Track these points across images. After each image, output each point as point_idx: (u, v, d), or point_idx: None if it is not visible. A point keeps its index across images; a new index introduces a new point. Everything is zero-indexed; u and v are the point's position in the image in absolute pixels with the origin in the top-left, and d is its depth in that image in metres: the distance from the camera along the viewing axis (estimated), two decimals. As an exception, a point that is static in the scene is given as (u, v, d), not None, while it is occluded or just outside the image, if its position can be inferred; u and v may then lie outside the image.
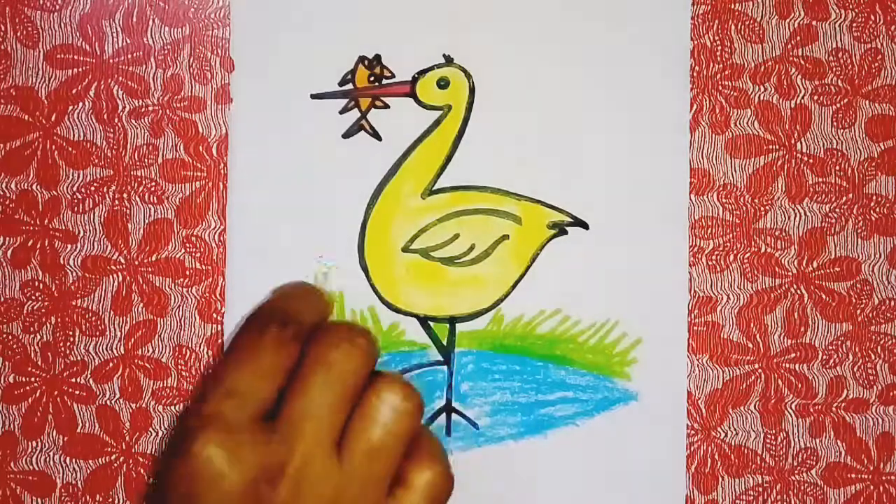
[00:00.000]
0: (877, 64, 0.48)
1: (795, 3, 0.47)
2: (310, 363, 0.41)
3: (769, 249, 0.47)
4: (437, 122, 0.47)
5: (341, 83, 0.47)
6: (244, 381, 0.40)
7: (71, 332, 0.47)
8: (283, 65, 0.47)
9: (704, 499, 0.47)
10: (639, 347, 0.47)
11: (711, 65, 0.47)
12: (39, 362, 0.47)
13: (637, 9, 0.47)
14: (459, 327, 0.47)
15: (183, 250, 0.47)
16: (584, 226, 0.47)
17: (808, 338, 0.48)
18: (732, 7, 0.47)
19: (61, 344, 0.47)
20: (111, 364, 0.47)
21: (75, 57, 0.47)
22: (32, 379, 0.47)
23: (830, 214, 0.48)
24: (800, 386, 0.48)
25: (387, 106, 0.47)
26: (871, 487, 0.48)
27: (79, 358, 0.47)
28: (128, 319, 0.47)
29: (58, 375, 0.47)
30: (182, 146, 0.47)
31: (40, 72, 0.47)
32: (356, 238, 0.47)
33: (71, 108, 0.47)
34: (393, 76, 0.47)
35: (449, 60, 0.47)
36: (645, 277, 0.47)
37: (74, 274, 0.47)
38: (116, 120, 0.47)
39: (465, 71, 0.47)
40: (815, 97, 0.47)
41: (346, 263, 0.47)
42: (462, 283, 0.47)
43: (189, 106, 0.47)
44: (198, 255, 0.47)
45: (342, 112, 0.47)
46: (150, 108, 0.47)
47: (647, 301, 0.47)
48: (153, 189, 0.47)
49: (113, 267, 0.47)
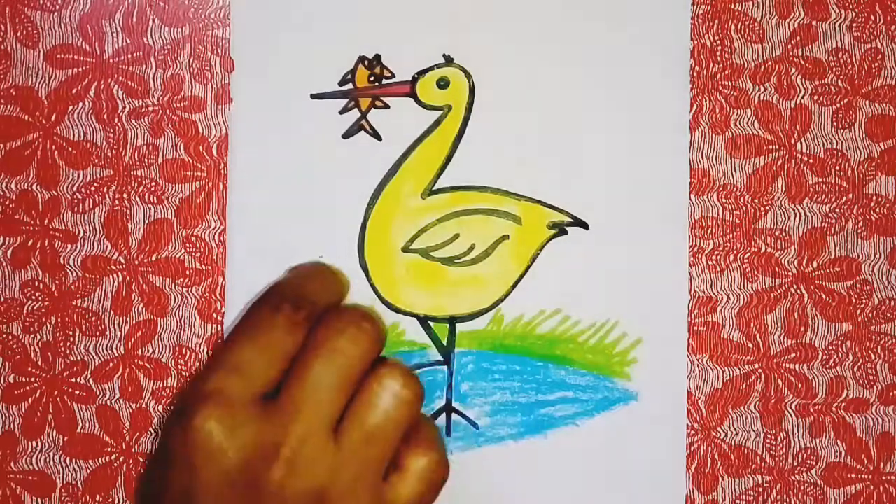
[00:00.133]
0: (877, 64, 0.48)
1: (795, 3, 0.47)
2: (315, 346, 0.41)
3: (769, 249, 0.47)
4: (437, 122, 0.47)
5: (341, 83, 0.47)
6: (251, 359, 0.41)
7: (71, 332, 0.47)
8: (283, 65, 0.47)
9: (704, 499, 0.47)
10: (639, 347, 0.47)
11: (711, 65, 0.47)
12: (39, 362, 0.47)
13: (637, 9, 0.47)
14: (459, 327, 0.47)
15: (183, 250, 0.47)
16: (584, 226, 0.47)
17: (808, 338, 0.48)
18: (732, 7, 0.47)
19: (61, 344, 0.47)
20: (111, 364, 0.47)
21: (75, 57, 0.47)
22: (32, 379, 0.47)
23: (830, 214, 0.48)
24: (800, 386, 0.48)
25: (387, 106, 0.47)
26: (871, 487, 0.48)
27: (79, 358, 0.47)
28: (128, 319, 0.47)
29: (58, 375, 0.47)
30: (182, 146, 0.47)
31: (40, 72, 0.47)
32: (356, 238, 0.47)
33: (71, 108, 0.47)
34: (393, 76, 0.47)
35: (449, 60, 0.47)
36: (645, 277, 0.47)
37: (74, 274, 0.47)
38: (116, 120, 0.47)
39: (465, 71, 0.47)
40: (815, 97, 0.47)
41: (346, 263, 0.47)
42: (462, 283, 0.47)
43: (189, 106, 0.47)
44: (198, 255, 0.47)
45: (342, 112, 0.47)
46: (150, 108, 0.47)
47: (647, 301, 0.47)
48: (153, 189, 0.47)
49: (113, 267, 0.47)
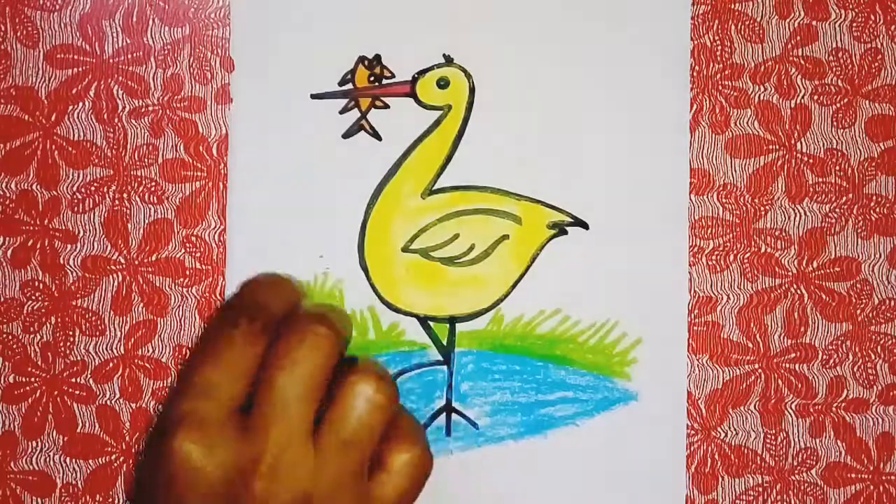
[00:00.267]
0: (877, 64, 0.48)
1: (795, 3, 0.47)
2: (277, 359, 0.41)
3: (769, 249, 0.47)
4: (437, 122, 0.47)
5: (341, 83, 0.47)
6: (217, 377, 0.41)
7: (71, 332, 0.47)
8: (283, 65, 0.47)
9: (704, 499, 0.47)
10: (639, 347, 0.47)
11: (711, 65, 0.47)
12: (39, 362, 0.47)
13: (637, 9, 0.47)
14: (459, 327, 0.47)
15: (183, 250, 0.47)
16: (584, 226, 0.47)
17: (808, 338, 0.48)
18: (732, 7, 0.47)
19: (61, 344, 0.47)
20: (111, 364, 0.47)
21: (75, 57, 0.47)
22: (32, 379, 0.47)
23: (830, 214, 0.48)
24: (800, 386, 0.48)
25: (387, 106, 0.47)
26: (871, 487, 0.48)
27: (79, 358, 0.47)
28: (128, 319, 0.47)
29: (58, 375, 0.47)
30: (182, 146, 0.47)
31: (40, 72, 0.47)
32: (356, 238, 0.47)
33: (71, 107, 0.47)
34: (393, 76, 0.47)
35: (449, 60, 0.47)
36: (645, 277, 0.47)
37: (74, 274, 0.47)
38: (116, 120, 0.47)
39: (465, 71, 0.47)
40: (815, 97, 0.47)
41: (346, 263, 0.47)
42: (462, 283, 0.47)
43: (189, 106, 0.47)
44: (198, 255, 0.47)
45: (342, 112, 0.47)
46: (150, 108, 0.47)
47: (647, 301, 0.47)
48: (153, 189, 0.47)
49: (113, 267, 0.47)
